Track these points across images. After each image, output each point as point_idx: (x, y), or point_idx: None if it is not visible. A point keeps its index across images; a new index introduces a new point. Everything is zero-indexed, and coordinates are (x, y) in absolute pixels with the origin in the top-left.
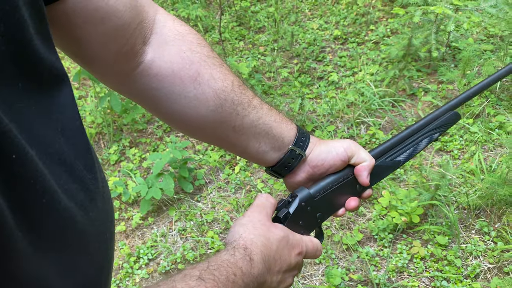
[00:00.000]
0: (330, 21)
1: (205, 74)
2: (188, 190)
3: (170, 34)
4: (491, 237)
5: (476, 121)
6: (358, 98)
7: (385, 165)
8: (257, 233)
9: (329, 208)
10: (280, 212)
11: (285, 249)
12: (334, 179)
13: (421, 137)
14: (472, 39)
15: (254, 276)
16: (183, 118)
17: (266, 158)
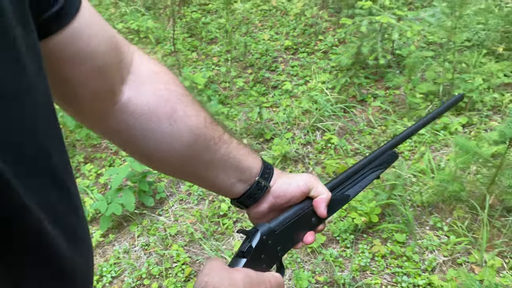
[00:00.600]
0: (281, 32)
1: (180, 111)
2: (149, 204)
3: (146, 73)
4: (444, 231)
5: None
6: (312, 106)
7: (337, 198)
8: (221, 276)
9: (288, 241)
10: (243, 247)
11: (251, 287)
12: (292, 213)
13: (366, 173)
14: (414, 46)
15: None
16: (158, 155)
17: (233, 190)
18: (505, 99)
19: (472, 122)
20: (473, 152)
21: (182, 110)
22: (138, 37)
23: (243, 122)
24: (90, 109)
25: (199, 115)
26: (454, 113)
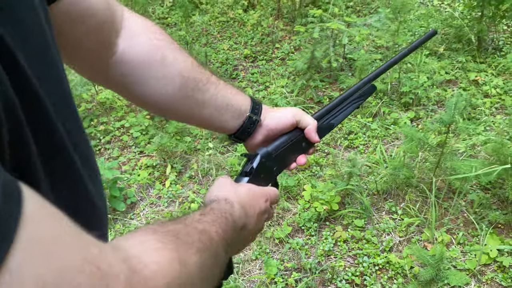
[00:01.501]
0: (239, 41)
1: (170, 57)
2: (121, 208)
3: (137, 26)
4: (399, 215)
5: (375, 119)
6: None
7: (323, 127)
8: (229, 190)
9: (283, 163)
10: (246, 167)
11: (254, 198)
12: (286, 139)
13: (347, 105)
14: (363, 50)
15: (237, 217)
16: (154, 99)
17: (228, 127)
18: (447, 94)
19: (419, 116)
20: (418, 140)
21: (171, 56)
22: None
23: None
24: (91, 62)
25: (186, 60)
26: (403, 109)
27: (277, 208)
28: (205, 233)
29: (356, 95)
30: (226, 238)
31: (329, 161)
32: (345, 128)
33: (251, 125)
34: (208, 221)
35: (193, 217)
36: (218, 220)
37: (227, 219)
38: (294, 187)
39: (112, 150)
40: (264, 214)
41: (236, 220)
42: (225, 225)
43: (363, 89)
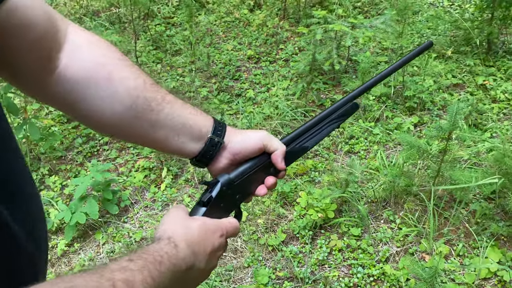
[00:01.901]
0: (243, 42)
1: (117, 75)
2: (114, 212)
3: (82, 42)
4: (397, 224)
5: (377, 124)
6: (273, 111)
7: (295, 150)
8: (178, 225)
9: (248, 190)
10: (204, 196)
11: (207, 234)
12: (251, 165)
13: (325, 126)
14: (369, 52)
15: (181, 259)
16: (100, 118)
17: (187, 150)
18: (454, 98)
19: (423, 121)
20: (417, 148)
21: (118, 73)
22: None
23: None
24: (31, 77)
25: (137, 78)
26: (407, 114)
27: (272, 215)
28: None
29: (336, 114)
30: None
31: (328, 166)
32: (346, 133)
33: (213, 148)
34: (134, 268)
35: (116, 265)
36: (149, 266)
37: (162, 263)
38: (290, 193)
39: (110, 151)
40: (218, 250)
41: (177, 263)
42: (158, 271)
43: (344, 108)
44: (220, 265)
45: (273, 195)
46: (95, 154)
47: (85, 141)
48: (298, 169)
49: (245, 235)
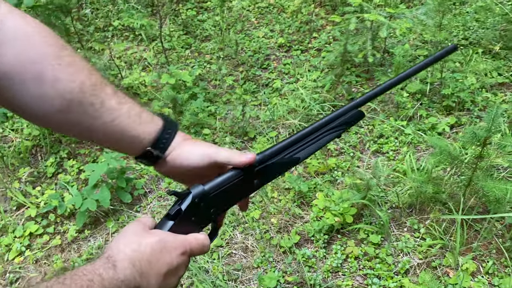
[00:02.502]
0: (275, 29)
1: (49, 75)
2: (126, 200)
3: (16, 32)
4: (421, 233)
5: (410, 123)
6: (299, 104)
7: (283, 162)
8: (126, 241)
9: (225, 203)
10: (172, 209)
11: (163, 251)
12: (230, 175)
13: (323, 134)
14: (408, 45)
15: (120, 281)
16: (32, 115)
17: (127, 152)
18: (498, 99)
19: (460, 123)
20: (448, 153)
21: (51, 73)
22: (133, 34)
23: (229, 120)
24: None
25: (74, 80)
26: (444, 113)
27: (286, 215)
28: None
29: (336, 122)
30: None
31: (353, 166)
32: (376, 131)
33: (151, 158)
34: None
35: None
36: None
37: (92, 285)
38: (308, 192)
39: None
40: (176, 270)
41: (113, 286)
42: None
43: (347, 116)
44: (229, 263)
45: (290, 193)
46: None
47: None
48: (319, 167)
49: (257, 233)
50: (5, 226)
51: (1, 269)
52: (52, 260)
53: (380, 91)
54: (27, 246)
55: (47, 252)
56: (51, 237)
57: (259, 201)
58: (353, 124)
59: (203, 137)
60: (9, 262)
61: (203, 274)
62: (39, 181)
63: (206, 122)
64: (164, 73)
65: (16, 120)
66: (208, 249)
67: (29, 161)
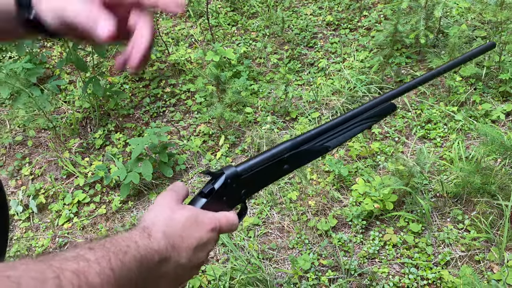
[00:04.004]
0: (324, 6)
1: None
2: (168, 175)
3: None
4: (465, 225)
5: (461, 109)
6: (344, 85)
7: (314, 149)
8: (160, 214)
9: (255, 186)
10: (205, 188)
11: (194, 226)
12: (261, 160)
13: (354, 125)
14: (465, 25)
15: (154, 250)
16: None
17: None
18: None
19: None
20: (499, 144)
21: None
22: None
23: (272, 99)
24: None
25: None
26: (499, 99)
27: (324, 198)
28: (77, 275)
29: (368, 114)
30: (121, 276)
31: (397, 151)
32: (424, 115)
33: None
34: (91, 258)
35: (72, 253)
36: (110, 256)
37: (127, 253)
38: (348, 176)
39: (175, 113)
40: (205, 245)
41: (147, 254)
42: (121, 261)
43: (379, 108)
44: (264, 242)
45: (329, 176)
46: (160, 114)
47: (152, 100)
48: (362, 151)
49: (294, 215)
50: (56, 193)
51: (51, 233)
52: (97, 228)
53: (414, 84)
54: (75, 213)
55: (93, 220)
56: (97, 206)
57: (298, 182)
58: (384, 117)
59: (245, 115)
60: (59, 227)
61: (239, 251)
62: (87, 152)
63: (248, 100)
64: (209, 50)
65: (68, 92)
66: (236, 228)
67: (79, 132)
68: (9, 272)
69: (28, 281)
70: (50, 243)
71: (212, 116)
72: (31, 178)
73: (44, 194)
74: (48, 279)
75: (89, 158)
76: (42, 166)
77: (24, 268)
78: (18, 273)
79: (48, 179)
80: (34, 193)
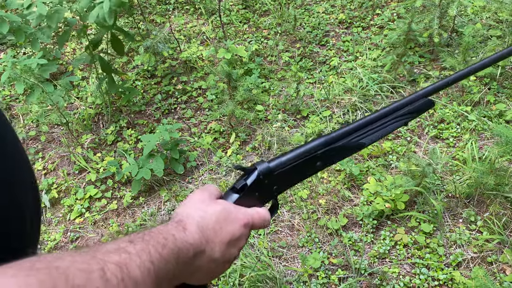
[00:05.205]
0: (337, 4)
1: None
2: (179, 171)
3: None
4: (477, 226)
5: (475, 109)
6: (357, 84)
7: (348, 146)
8: (194, 208)
9: (287, 182)
10: (238, 183)
11: (227, 221)
12: (294, 156)
13: (390, 121)
14: (480, 24)
15: (189, 243)
16: None
17: None
18: None
19: None
20: None
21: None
22: (194, 7)
23: (283, 97)
24: None
25: None
26: None
27: (334, 197)
28: (120, 267)
29: (404, 110)
30: (160, 269)
31: (410, 151)
32: (437, 115)
33: None
34: (132, 251)
35: (114, 246)
36: (149, 249)
37: (165, 246)
38: (360, 175)
39: (186, 110)
40: (238, 240)
41: (183, 247)
42: (160, 254)
43: (416, 104)
44: (274, 240)
45: (340, 175)
46: (172, 111)
47: (164, 97)
48: (374, 150)
49: (304, 213)
50: (68, 188)
51: (63, 228)
52: (108, 223)
53: (454, 80)
54: (87, 208)
55: (104, 215)
56: (108, 201)
57: (308, 181)
58: (421, 113)
59: (256, 113)
60: (71, 222)
61: (249, 248)
62: (99, 147)
63: (259, 98)
64: (220, 48)
65: (81, 88)
66: (268, 224)
67: (91, 128)
68: (58, 262)
69: (75, 272)
70: (62, 237)
71: (223, 114)
72: (44, 173)
73: (57, 188)
74: (93, 271)
75: (101, 153)
76: (55, 161)
77: (71, 260)
78: (65, 264)
79: (60, 174)
80: (47, 187)
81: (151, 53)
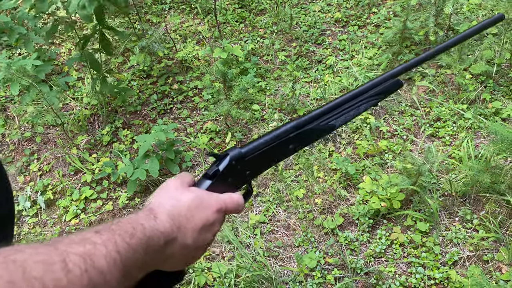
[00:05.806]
0: (333, 3)
1: None
2: (175, 171)
3: None
4: (473, 225)
5: (471, 107)
6: (352, 83)
7: (319, 128)
8: (166, 196)
9: (260, 167)
10: (210, 169)
11: (199, 208)
12: (265, 141)
13: (360, 103)
14: (476, 22)
15: (160, 231)
16: None
17: None
18: None
19: None
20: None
21: None
22: (189, 7)
23: (279, 97)
24: None
25: None
26: (511, 97)
27: (330, 196)
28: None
29: (374, 91)
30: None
31: (406, 149)
32: (433, 113)
33: None
34: (98, 241)
35: (78, 237)
36: (116, 239)
37: (133, 236)
38: (355, 174)
39: (182, 110)
40: (211, 226)
41: (153, 236)
42: (128, 244)
43: (385, 85)
44: (270, 240)
45: (336, 174)
46: (167, 111)
47: (160, 97)
48: (369, 149)
49: (300, 213)
50: (63, 189)
51: (59, 229)
52: None
53: (421, 60)
54: (82, 209)
55: (99, 216)
56: (104, 202)
57: (304, 180)
58: (390, 93)
59: (252, 112)
60: (66, 223)
61: (245, 248)
62: (95, 148)
63: (255, 98)
64: (216, 47)
65: (76, 89)
66: (242, 209)
67: (87, 129)
68: (15, 255)
69: (33, 265)
70: None
71: (219, 113)
72: (39, 174)
73: (52, 190)
74: (54, 263)
75: (96, 154)
76: (50, 162)
77: (31, 252)
78: (24, 257)
79: (56, 175)
80: (42, 189)
81: (146, 53)
